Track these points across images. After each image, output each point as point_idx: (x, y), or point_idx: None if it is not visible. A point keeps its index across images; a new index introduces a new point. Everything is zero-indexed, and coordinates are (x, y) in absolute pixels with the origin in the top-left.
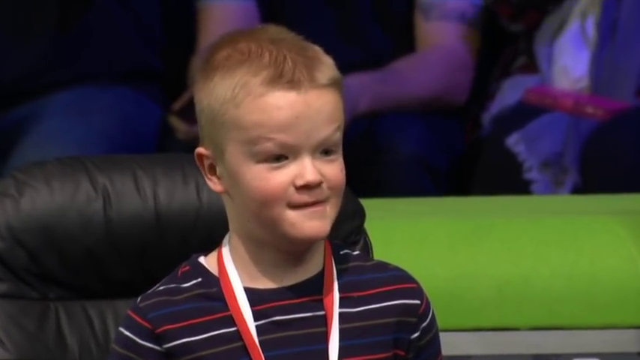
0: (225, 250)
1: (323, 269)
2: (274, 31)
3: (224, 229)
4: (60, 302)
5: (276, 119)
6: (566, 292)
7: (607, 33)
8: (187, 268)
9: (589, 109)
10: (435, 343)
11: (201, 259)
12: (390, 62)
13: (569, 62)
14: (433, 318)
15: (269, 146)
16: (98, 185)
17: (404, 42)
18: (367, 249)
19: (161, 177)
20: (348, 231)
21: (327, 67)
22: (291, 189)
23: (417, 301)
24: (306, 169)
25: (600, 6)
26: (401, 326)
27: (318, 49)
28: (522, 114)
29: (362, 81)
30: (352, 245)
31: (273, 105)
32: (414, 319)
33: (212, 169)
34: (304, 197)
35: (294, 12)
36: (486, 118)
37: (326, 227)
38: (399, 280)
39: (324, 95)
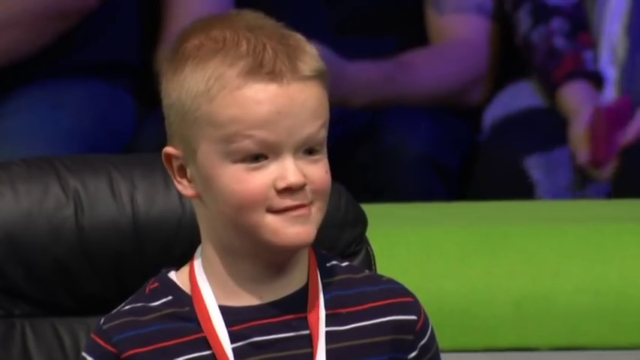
0: (198, 264)
1: (307, 283)
2: (251, 17)
3: None
4: (26, 319)
5: (255, 114)
6: (592, 309)
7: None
8: (156, 284)
9: None
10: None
11: (172, 275)
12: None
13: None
14: (432, 335)
15: (247, 144)
16: (69, 189)
17: (408, 39)
18: (369, 260)
19: (139, 180)
20: (347, 240)
21: (310, 57)
22: (272, 192)
23: (414, 317)
24: (288, 170)
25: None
26: (396, 346)
27: (300, 38)
28: (529, 124)
29: (366, 73)
30: (352, 256)
31: (252, 98)
32: (410, 337)
33: (182, 171)
34: (286, 201)
35: (284, 6)
36: (488, 120)
37: (310, 233)
38: (393, 294)
39: (309, 88)
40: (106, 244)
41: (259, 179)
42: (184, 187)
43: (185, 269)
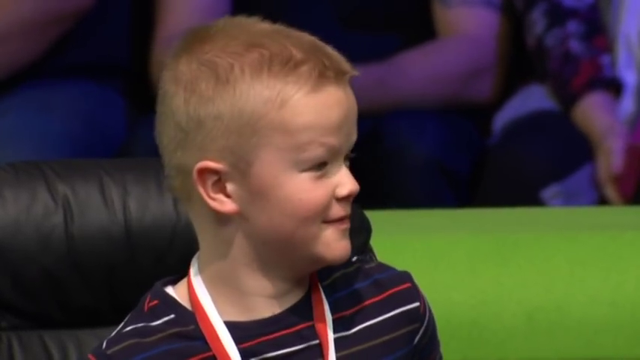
0: (197, 280)
1: (309, 289)
2: (261, 22)
3: None
4: (13, 332)
5: (329, 120)
6: (607, 321)
7: None
8: (155, 302)
9: None
10: (434, 334)
11: (170, 290)
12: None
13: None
14: (430, 310)
15: (320, 152)
16: (58, 195)
17: (413, 34)
18: None
19: (132, 185)
20: (352, 249)
21: (341, 57)
22: (332, 201)
23: (416, 304)
24: (346, 176)
25: None
26: (409, 337)
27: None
28: (541, 128)
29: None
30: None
31: (324, 104)
32: (417, 325)
33: (217, 187)
34: (342, 210)
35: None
36: (498, 123)
37: (350, 247)
38: (391, 283)
39: (351, 90)
40: (97, 252)
41: (323, 188)
42: (221, 203)
43: (182, 284)
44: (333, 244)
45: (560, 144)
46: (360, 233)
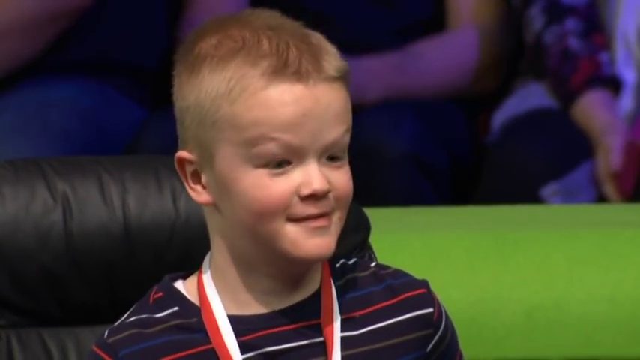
0: (207, 276)
1: (319, 287)
2: (268, 15)
3: (204, 244)
4: (12, 330)
5: (280, 116)
6: (606, 319)
7: None
8: (161, 294)
9: None
10: (453, 343)
11: (179, 285)
12: (430, 27)
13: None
14: (448, 318)
15: (271, 148)
16: (57, 193)
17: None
18: None
19: (131, 183)
20: (349, 247)
21: (333, 56)
22: (294, 199)
23: (430, 309)
24: (312, 176)
25: None
26: (419, 343)
27: (321, 37)
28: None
29: (373, 66)
30: None
31: (277, 100)
32: (430, 331)
33: (196, 177)
34: (309, 209)
35: None
36: (497, 119)
37: (331, 245)
38: (404, 288)
39: (334, 90)
40: (96, 250)
41: (282, 186)
42: (198, 194)
43: (193, 279)
44: (301, 242)
45: (560, 142)
46: (358, 231)
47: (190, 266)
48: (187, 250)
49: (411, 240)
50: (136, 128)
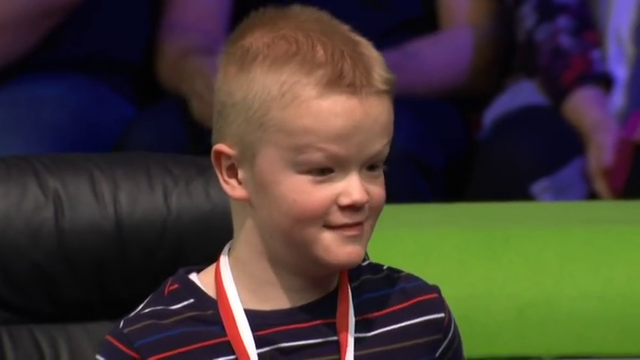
0: (225, 266)
1: (336, 287)
2: (317, 17)
3: (196, 241)
4: (4, 327)
5: (331, 127)
6: (597, 316)
7: None
8: (176, 286)
9: None
10: (459, 350)
11: (194, 277)
12: (421, 27)
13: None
14: (456, 325)
15: (317, 157)
16: (48, 190)
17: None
18: None
19: (122, 180)
20: None
21: (381, 66)
22: (334, 207)
23: (441, 315)
24: (353, 187)
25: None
26: (430, 347)
27: (368, 44)
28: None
29: None
30: None
31: (330, 111)
32: (440, 336)
33: (232, 171)
34: (345, 218)
35: None
36: (488, 116)
37: (361, 253)
38: (417, 292)
39: (382, 103)
40: (88, 247)
41: (323, 193)
42: (232, 188)
43: (209, 271)
44: (334, 249)
45: (550, 138)
46: None
47: (182, 263)
48: (179, 247)
49: (402, 236)
50: (127, 125)
